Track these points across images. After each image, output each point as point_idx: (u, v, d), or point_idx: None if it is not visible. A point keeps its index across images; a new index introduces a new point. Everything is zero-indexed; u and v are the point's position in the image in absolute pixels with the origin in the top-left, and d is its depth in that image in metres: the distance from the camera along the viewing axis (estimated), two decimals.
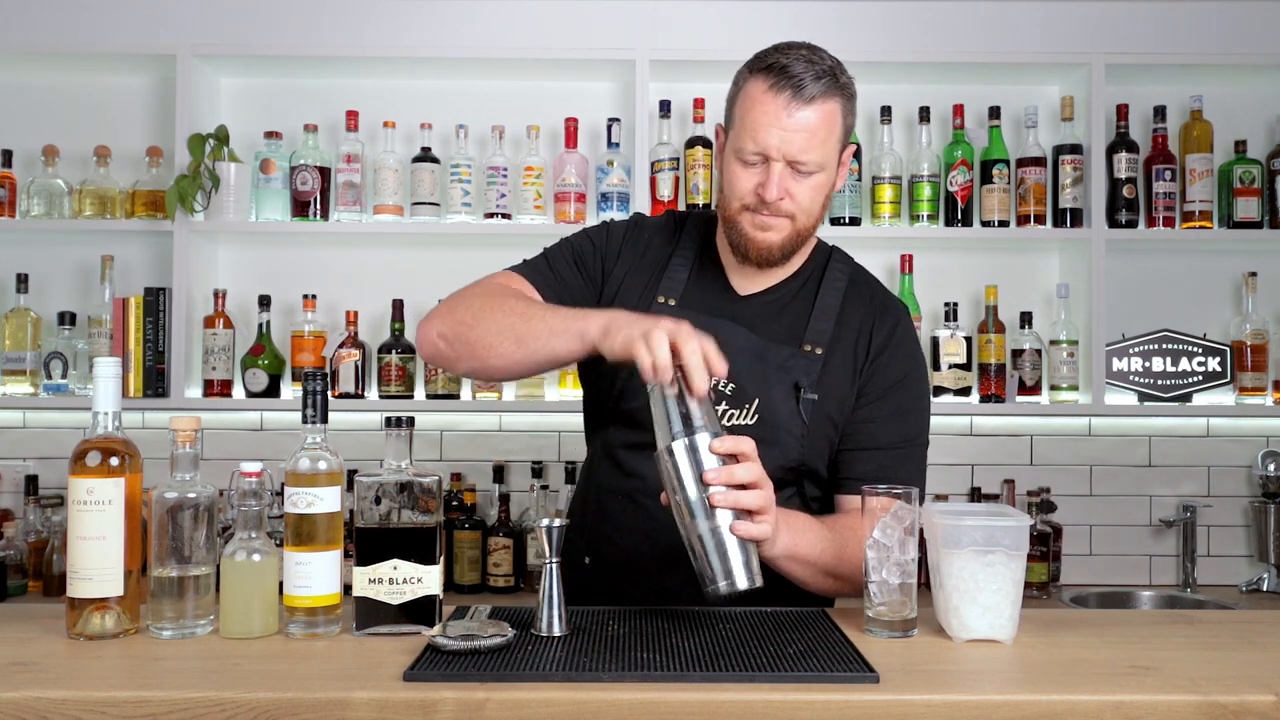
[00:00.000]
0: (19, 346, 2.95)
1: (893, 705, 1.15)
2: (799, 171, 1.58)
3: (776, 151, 1.56)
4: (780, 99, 1.55)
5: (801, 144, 1.56)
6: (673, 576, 1.58)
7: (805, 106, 1.55)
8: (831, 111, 1.58)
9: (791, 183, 1.58)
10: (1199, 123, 3.04)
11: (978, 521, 1.38)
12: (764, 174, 1.58)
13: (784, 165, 1.57)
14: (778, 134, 1.56)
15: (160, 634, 1.39)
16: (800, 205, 1.60)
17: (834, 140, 1.59)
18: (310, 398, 1.43)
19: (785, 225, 1.61)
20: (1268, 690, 1.18)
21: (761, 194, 1.58)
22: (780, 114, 1.55)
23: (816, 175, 1.59)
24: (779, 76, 1.56)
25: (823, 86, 1.56)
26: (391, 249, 3.11)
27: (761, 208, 1.59)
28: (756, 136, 1.57)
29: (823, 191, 1.62)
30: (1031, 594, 2.87)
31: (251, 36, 3.12)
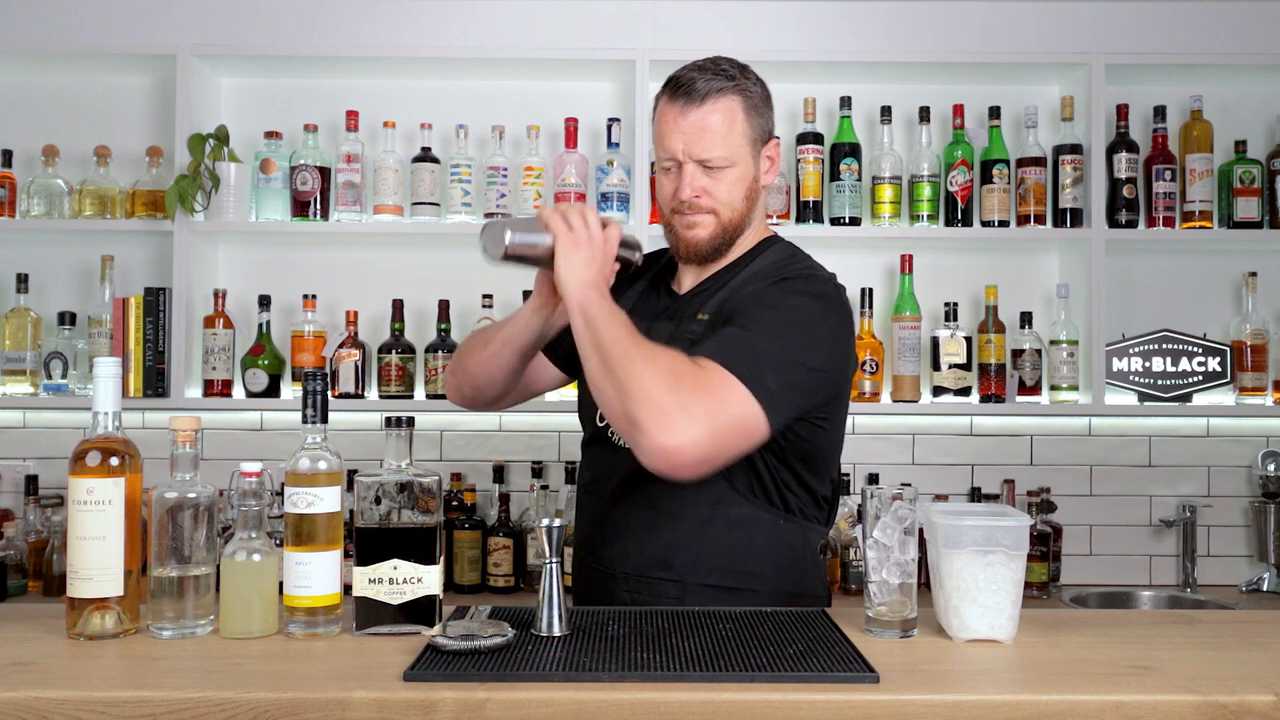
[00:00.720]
0: (19, 346, 2.95)
1: (893, 705, 1.15)
2: (710, 168, 1.70)
3: (683, 153, 1.70)
4: (677, 105, 1.71)
5: (702, 141, 1.69)
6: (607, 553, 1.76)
7: (699, 107, 1.69)
8: (728, 108, 1.70)
9: (706, 180, 1.71)
10: (1199, 123, 3.04)
11: (978, 521, 1.38)
12: (679, 177, 1.72)
13: (694, 165, 1.70)
14: (679, 137, 1.70)
15: (160, 634, 1.39)
16: (720, 199, 1.72)
17: (737, 135, 1.70)
18: (310, 398, 1.43)
19: (710, 220, 1.73)
20: (1268, 690, 1.18)
21: (679, 196, 1.71)
22: (679, 118, 1.70)
23: (729, 170, 1.71)
24: (675, 87, 1.72)
25: (715, 87, 1.69)
26: (391, 249, 3.11)
27: (684, 208, 1.72)
28: (664, 144, 1.73)
29: (741, 184, 1.72)
30: (1031, 594, 2.87)
31: (251, 36, 3.12)
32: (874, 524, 1.40)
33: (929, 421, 3.11)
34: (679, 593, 1.68)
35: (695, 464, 1.50)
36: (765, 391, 1.53)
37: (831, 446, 1.77)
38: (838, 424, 1.76)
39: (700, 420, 1.47)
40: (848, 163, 2.96)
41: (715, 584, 1.68)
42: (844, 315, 1.71)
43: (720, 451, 1.52)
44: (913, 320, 2.98)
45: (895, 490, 1.40)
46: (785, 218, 2.96)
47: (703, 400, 1.49)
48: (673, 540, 1.70)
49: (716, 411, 1.49)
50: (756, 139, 1.73)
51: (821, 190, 2.99)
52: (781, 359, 1.58)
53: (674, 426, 1.46)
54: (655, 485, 1.66)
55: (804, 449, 1.70)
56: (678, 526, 1.70)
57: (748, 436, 1.54)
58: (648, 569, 1.71)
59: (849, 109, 3.00)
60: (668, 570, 1.69)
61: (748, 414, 1.52)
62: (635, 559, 1.72)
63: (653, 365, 1.51)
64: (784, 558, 1.71)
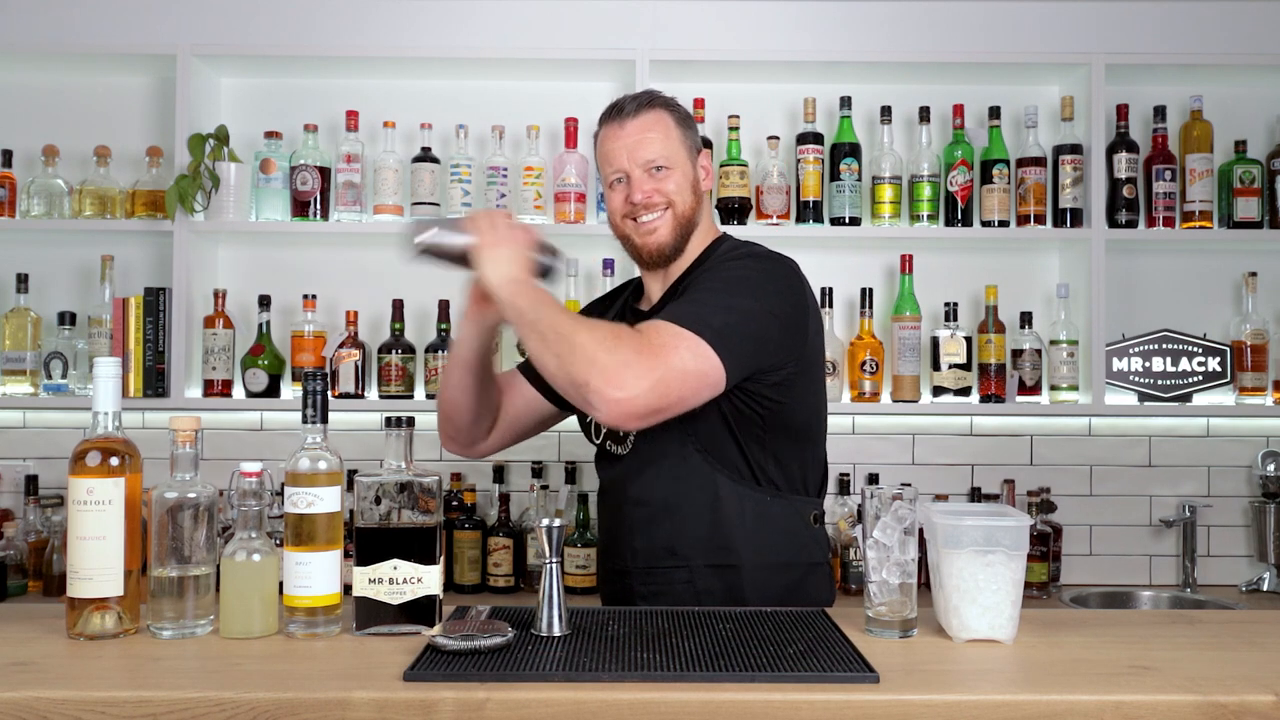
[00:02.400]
0: (19, 346, 2.95)
1: (893, 705, 1.15)
2: (655, 171, 1.81)
3: (627, 162, 1.82)
4: (614, 124, 1.84)
5: (644, 146, 1.81)
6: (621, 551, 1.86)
7: (632, 118, 1.82)
8: (658, 117, 1.83)
9: (653, 182, 1.81)
10: (1199, 123, 3.04)
11: (978, 521, 1.38)
12: (628, 186, 1.83)
13: (640, 172, 1.81)
14: (621, 149, 1.82)
15: (160, 634, 1.39)
16: (672, 194, 1.82)
17: (674, 140, 1.83)
18: (310, 398, 1.43)
19: (667, 216, 1.82)
20: (1268, 690, 1.18)
21: (631, 200, 1.81)
22: (618, 133, 1.83)
23: (673, 170, 1.82)
24: (610, 111, 1.86)
25: (642, 102, 1.84)
26: (391, 249, 3.10)
27: (637, 211, 1.82)
28: (609, 161, 1.84)
29: (686, 183, 1.83)
30: (1031, 594, 2.87)
31: (251, 36, 3.12)
32: (874, 524, 1.40)
33: (929, 421, 3.11)
34: (688, 577, 1.78)
35: (647, 412, 1.57)
36: (711, 332, 1.61)
37: (809, 419, 1.84)
38: (811, 393, 1.83)
39: (644, 373, 1.55)
40: (848, 163, 2.96)
41: (719, 563, 1.77)
42: (790, 275, 1.78)
43: (672, 398, 1.59)
44: (913, 320, 2.98)
45: (895, 490, 1.40)
46: (785, 218, 2.96)
47: (644, 356, 1.57)
48: (674, 530, 1.79)
49: (658, 364, 1.57)
50: (692, 147, 1.86)
51: (821, 190, 2.99)
52: (726, 305, 1.68)
53: (620, 380, 1.55)
54: (653, 485, 1.81)
55: (781, 420, 1.77)
56: (676, 517, 1.79)
57: (701, 379, 1.61)
58: (657, 560, 1.81)
59: (849, 109, 3.00)
60: (674, 558, 1.79)
61: (696, 359, 1.60)
62: (644, 553, 1.82)
63: (592, 332, 1.60)
64: (779, 532, 1.79)
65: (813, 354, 1.81)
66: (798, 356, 1.76)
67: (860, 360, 2.95)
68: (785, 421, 1.78)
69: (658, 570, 1.80)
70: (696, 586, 1.78)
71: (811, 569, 1.82)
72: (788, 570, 1.79)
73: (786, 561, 1.79)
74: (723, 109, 3.05)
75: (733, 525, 1.77)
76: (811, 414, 1.85)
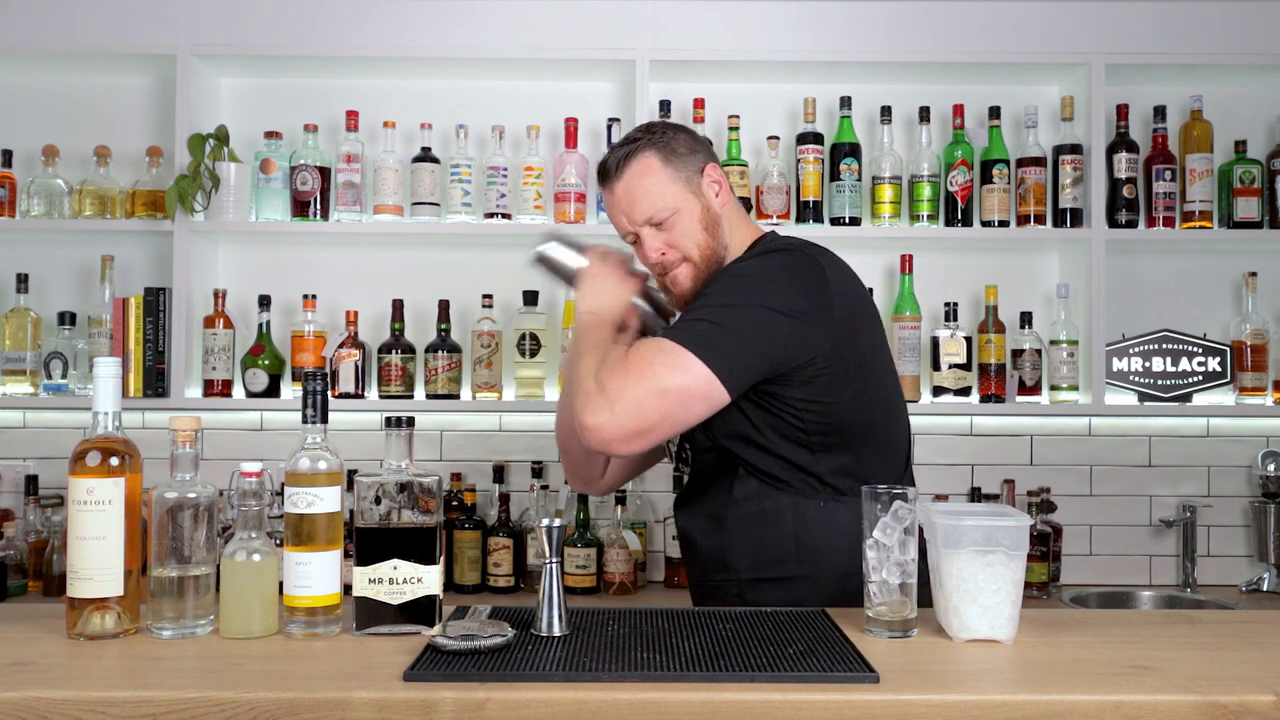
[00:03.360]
0: (19, 346, 2.95)
1: (893, 705, 1.15)
2: (658, 226, 1.77)
3: (629, 225, 1.79)
4: (606, 190, 1.82)
5: (637, 206, 1.77)
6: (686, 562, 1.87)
7: (616, 181, 1.79)
8: (643, 166, 1.77)
9: (663, 235, 1.77)
10: (1199, 123, 3.04)
11: (978, 521, 1.38)
12: (641, 246, 1.80)
13: (646, 229, 1.78)
14: (619, 214, 1.80)
15: (160, 634, 1.39)
16: (683, 247, 1.77)
17: (665, 184, 1.76)
18: (310, 398, 1.43)
19: (686, 268, 1.78)
20: (1268, 690, 1.18)
21: (648, 261, 1.80)
22: (610, 198, 1.81)
23: (674, 217, 1.76)
24: (599, 174, 1.83)
25: (622, 155, 1.78)
26: (391, 249, 3.11)
27: (658, 270, 1.80)
28: (615, 225, 1.83)
29: (695, 223, 1.77)
30: (1031, 594, 2.87)
31: (251, 36, 3.12)
32: (874, 524, 1.40)
33: (929, 421, 3.11)
34: (738, 590, 1.73)
35: (625, 436, 1.55)
36: (697, 340, 1.58)
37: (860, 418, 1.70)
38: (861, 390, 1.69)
39: (615, 397, 1.54)
40: (848, 163, 2.96)
41: (769, 576, 1.71)
42: (804, 266, 1.69)
43: (652, 419, 1.55)
44: (913, 320, 2.98)
45: (895, 490, 1.40)
46: (785, 218, 2.96)
47: (620, 377, 1.55)
48: (723, 542, 1.74)
49: (630, 384, 1.54)
50: (689, 176, 1.78)
51: (821, 190, 2.99)
52: (720, 309, 1.63)
53: (594, 406, 1.55)
54: (701, 493, 1.77)
55: (824, 423, 1.67)
56: (724, 528, 1.74)
57: (685, 393, 1.57)
58: (709, 573, 1.78)
59: (849, 109, 3.00)
60: (725, 571, 1.75)
61: (674, 373, 1.56)
62: (697, 565, 1.81)
63: (591, 358, 1.60)
64: (833, 539, 1.68)
65: (850, 348, 1.68)
66: (825, 352, 1.65)
67: None
68: (832, 424, 1.67)
69: (711, 584, 1.77)
70: (746, 599, 1.71)
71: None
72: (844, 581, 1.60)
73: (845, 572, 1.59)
74: (723, 109, 3.05)
75: (782, 534, 1.69)
76: (864, 412, 1.70)
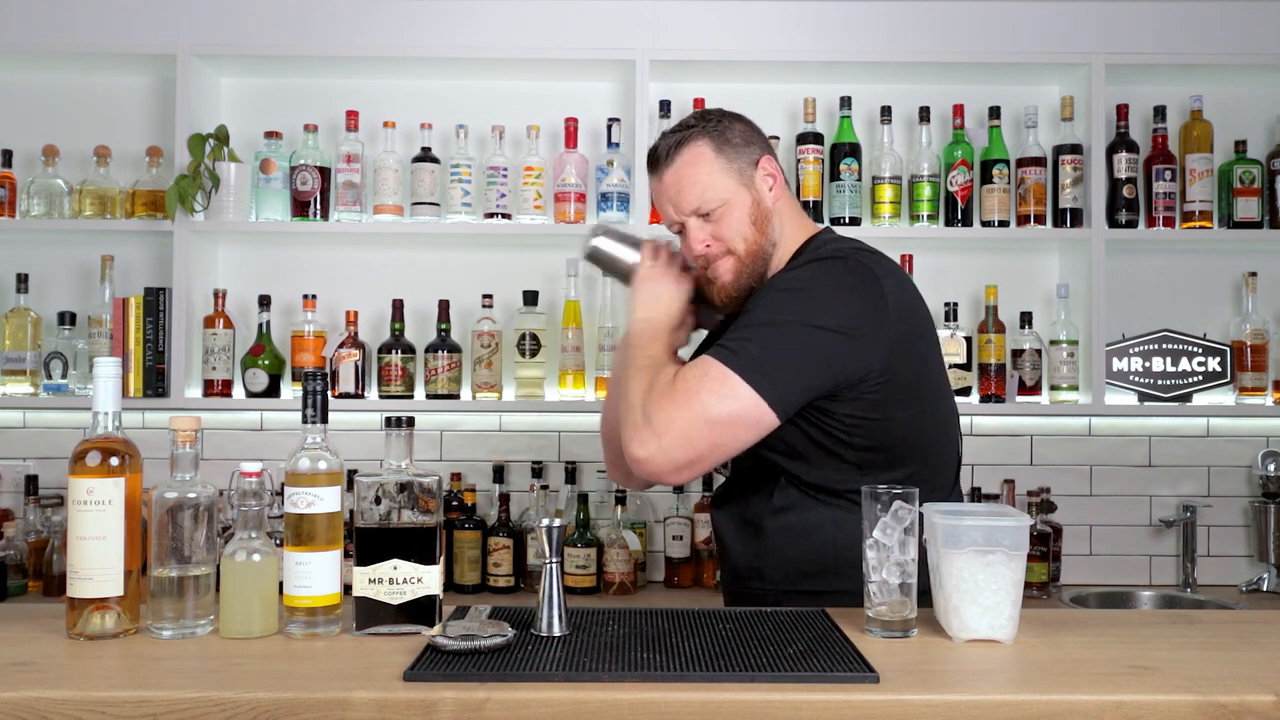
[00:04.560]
0: (19, 346, 2.95)
1: (893, 705, 1.15)
2: (706, 217, 1.71)
3: (675, 215, 1.74)
4: (654, 176, 1.76)
5: (685, 196, 1.71)
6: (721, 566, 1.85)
7: (665, 168, 1.73)
8: (694, 155, 1.71)
9: (710, 227, 1.72)
10: (1199, 123, 3.04)
11: (978, 521, 1.38)
12: (686, 237, 1.75)
13: (693, 220, 1.72)
14: (666, 202, 1.75)
15: (160, 634, 1.39)
16: (729, 239, 1.71)
17: (717, 174, 1.71)
18: (310, 398, 1.43)
19: (729, 262, 1.72)
20: (1268, 690, 1.18)
21: (693, 251, 1.74)
22: (659, 186, 1.75)
23: (723, 209, 1.71)
24: (649, 160, 1.77)
25: (674, 142, 1.73)
26: (391, 249, 3.11)
27: (703, 261, 1.74)
28: (662, 213, 1.78)
29: (744, 216, 1.71)
30: (1031, 594, 2.87)
31: (251, 36, 3.12)
32: (874, 524, 1.40)
33: None
34: (775, 600, 1.68)
35: (674, 468, 1.53)
36: (746, 364, 1.53)
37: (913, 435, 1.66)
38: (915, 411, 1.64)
39: (663, 428, 1.51)
40: (848, 163, 2.96)
41: (804, 589, 1.65)
42: (857, 278, 1.62)
43: (702, 448, 1.52)
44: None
45: (895, 490, 1.40)
46: None
47: (667, 408, 1.51)
48: (761, 550, 1.71)
49: (678, 415, 1.51)
50: (742, 168, 1.72)
51: (821, 190, 2.99)
52: (773, 328, 1.57)
53: (641, 438, 1.52)
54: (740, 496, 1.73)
55: (873, 440, 1.62)
56: (761, 536, 1.71)
57: (735, 420, 1.53)
58: (745, 580, 1.74)
59: (849, 109, 3.00)
60: (761, 580, 1.71)
61: (723, 400, 1.52)
62: (731, 570, 1.78)
63: (639, 380, 1.56)
64: None
65: (904, 365, 1.62)
66: (879, 370, 1.59)
67: None
68: (882, 442, 1.63)
69: (748, 591, 1.72)
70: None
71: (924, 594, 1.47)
72: None
73: None
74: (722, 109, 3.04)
75: (823, 547, 1.65)
76: (915, 430, 1.66)
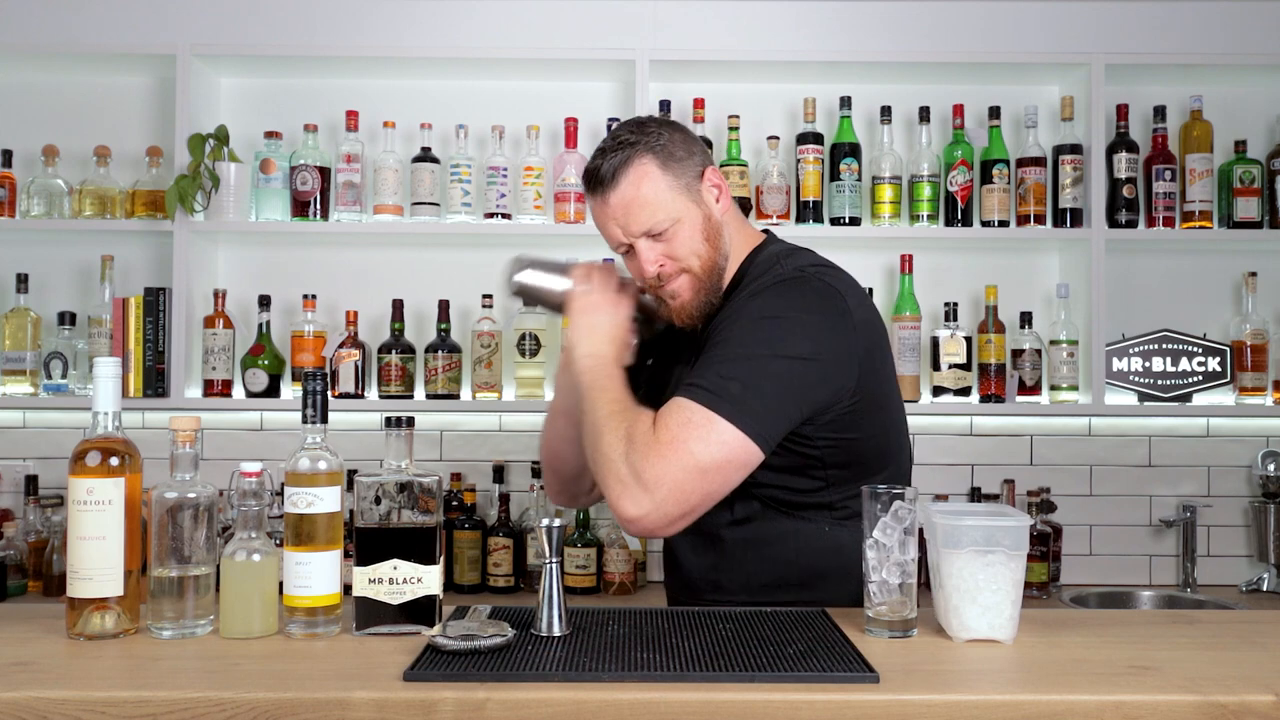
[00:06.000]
0: (19, 346, 2.95)
1: (893, 705, 1.15)
2: (657, 237, 1.65)
3: (624, 237, 1.66)
4: (596, 198, 1.67)
5: (634, 217, 1.64)
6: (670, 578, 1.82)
7: (610, 190, 1.65)
8: (640, 174, 1.64)
9: (661, 247, 1.66)
10: (1199, 123, 3.04)
11: (978, 521, 1.38)
12: (636, 258, 1.68)
13: (643, 241, 1.65)
14: (614, 224, 1.66)
15: (160, 634, 1.39)
16: (683, 257, 1.66)
17: (664, 191, 1.64)
18: (310, 398, 1.43)
19: (685, 280, 1.67)
20: (1268, 690, 1.18)
21: (645, 275, 1.67)
22: (602, 208, 1.67)
23: (675, 226, 1.65)
24: (587, 180, 1.68)
25: (617, 162, 1.64)
26: (391, 249, 3.11)
27: (654, 283, 1.68)
28: (606, 235, 1.70)
29: (695, 232, 1.66)
30: (1031, 594, 2.87)
31: (251, 36, 3.12)
32: (874, 524, 1.40)
33: (929, 421, 3.11)
34: None
35: (668, 522, 1.50)
36: (730, 405, 1.49)
37: (877, 443, 1.66)
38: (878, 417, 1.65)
39: (655, 485, 1.47)
40: (848, 163, 2.96)
41: (767, 601, 1.62)
42: (823, 299, 1.60)
43: (695, 499, 1.50)
44: (913, 320, 2.98)
45: (895, 490, 1.40)
46: (785, 218, 2.96)
47: (655, 462, 1.47)
48: (719, 562, 1.69)
49: (672, 469, 1.47)
50: (689, 183, 1.66)
51: (821, 190, 2.99)
52: (751, 362, 1.54)
53: (633, 497, 1.48)
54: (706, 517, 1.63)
55: (845, 457, 1.63)
56: (719, 547, 1.68)
57: (725, 466, 1.50)
58: (700, 592, 1.72)
59: (849, 109, 3.00)
60: (718, 592, 1.69)
61: (711, 448, 1.48)
62: (683, 583, 1.75)
63: (614, 432, 1.52)
64: (837, 563, 1.63)
65: (870, 378, 1.62)
66: (850, 388, 1.59)
67: None
68: (851, 457, 1.63)
69: (703, 603, 1.69)
70: None
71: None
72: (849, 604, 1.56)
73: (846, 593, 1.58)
74: (723, 109, 3.05)
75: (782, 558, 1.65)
76: (880, 438, 1.66)
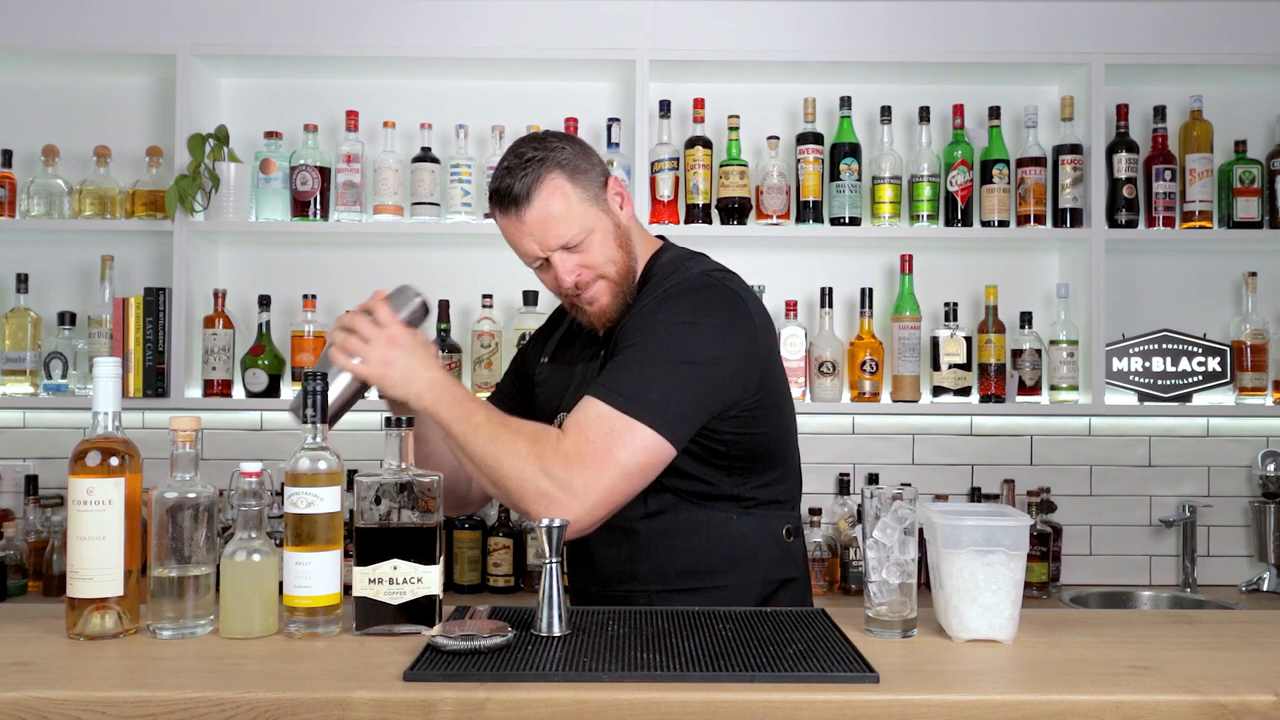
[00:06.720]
0: (19, 346, 2.95)
1: (893, 705, 1.15)
2: (573, 249, 1.69)
3: (541, 251, 1.70)
4: (509, 216, 1.69)
5: (551, 231, 1.68)
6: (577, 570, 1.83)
7: (526, 207, 1.67)
8: (551, 190, 1.67)
9: (576, 257, 1.70)
10: (1199, 123, 3.04)
11: (978, 521, 1.38)
12: (551, 271, 1.72)
13: (559, 253, 1.69)
14: (528, 241, 1.70)
15: (160, 634, 1.39)
16: (599, 266, 1.71)
17: (575, 205, 1.68)
18: (310, 398, 1.43)
19: (602, 286, 1.72)
20: (1268, 690, 1.18)
21: (564, 286, 1.71)
22: (517, 226, 1.69)
23: (589, 237, 1.69)
24: (497, 199, 1.70)
25: (529, 181, 1.66)
26: (391, 249, 3.11)
27: (575, 292, 1.72)
28: (521, 251, 1.72)
29: (608, 240, 1.71)
30: (1031, 594, 2.87)
31: (251, 36, 3.12)
32: (874, 524, 1.40)
33: (929, 421, 3.11)
34: (648, 601, 1.71)
35: (595, 522, 1.57)
36: (649, 411, 1.56)
37: (776, 438, 1.75)
38: (776, 414, 1.74)
39: (584, 493, 1.53)
40: (848, 163, 2.96)
41: (680, 587, 1.70)
42: (727, 305, 1.68)
43: (620, 499, 1.58)
44: (913, 320, 2.98)
45: (895, 490, 1.40)
46: (785, 218, 2.96)
47: (582, 472, 1.53)
48: (632, 553, 1.73)
49: (598, 476, 1.53)
50: (596, 193, 1.71)
51: (821, 190, 2.99)
52: (666, 367, 1.60)
53: (561, 506, 1.53)
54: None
55: (748, 449, 1.70)
56: (633, 540, 1.72)
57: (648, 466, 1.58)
58: (614, 583, 1.75)
59: (849, 109, 3.00)
60: (633, 582, 1.73)
61: (635, 453, 1.55)
62: (600, 575, 1.77)
63: (514, 450, 1.55)
64: (744, 550, 1.72)
65: (769, 377, 1.72)
66: (754, 387, 1.68)
67: (860, 360, 2.95)
68: (753, 450, 1.71)
69: (617, 593, 1.74)
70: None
71: (784, 585, 1.74)
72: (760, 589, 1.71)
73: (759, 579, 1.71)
74: (723, 109, 3.05)
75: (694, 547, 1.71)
76: (779, 432, 1.76)
